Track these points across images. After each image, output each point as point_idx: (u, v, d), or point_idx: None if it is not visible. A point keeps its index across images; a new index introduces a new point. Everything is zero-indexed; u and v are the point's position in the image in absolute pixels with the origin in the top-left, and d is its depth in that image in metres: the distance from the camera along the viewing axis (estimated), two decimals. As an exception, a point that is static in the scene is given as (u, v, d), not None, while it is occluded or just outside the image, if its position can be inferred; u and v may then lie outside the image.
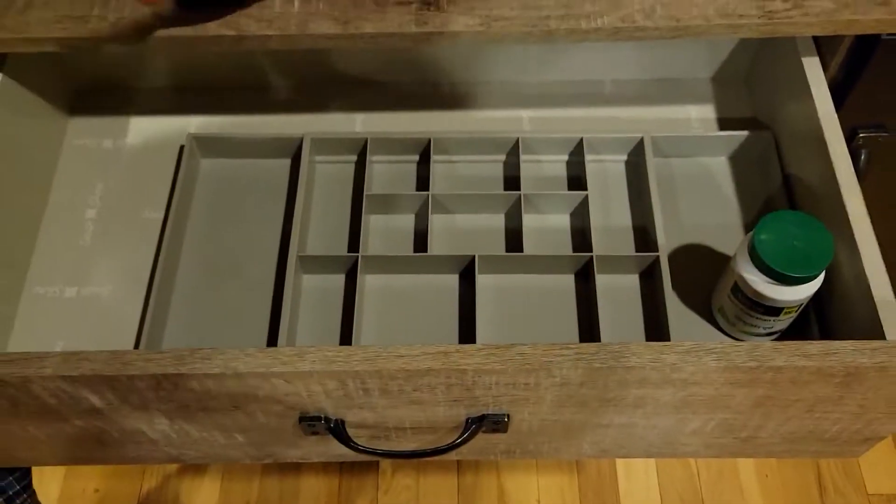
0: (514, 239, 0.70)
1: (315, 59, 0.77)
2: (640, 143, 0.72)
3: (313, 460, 0.65)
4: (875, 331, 0.55)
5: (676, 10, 0.60)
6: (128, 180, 0.75)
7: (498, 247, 0.70)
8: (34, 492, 0.82)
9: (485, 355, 0.51)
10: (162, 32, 0.60)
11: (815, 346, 0.50)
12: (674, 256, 0.68)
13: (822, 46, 0.67)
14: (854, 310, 0.58)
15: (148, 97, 0.79)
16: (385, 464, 1.15)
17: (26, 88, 0.70)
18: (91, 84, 0.79)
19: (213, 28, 0.60)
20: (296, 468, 1.15)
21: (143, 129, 0.78)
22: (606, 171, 0.74)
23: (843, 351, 0.50)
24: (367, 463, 1.14)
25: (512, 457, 0.64)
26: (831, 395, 0.53)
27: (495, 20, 0.60)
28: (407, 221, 0.71)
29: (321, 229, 0.71)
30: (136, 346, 0.65)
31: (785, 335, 0.63)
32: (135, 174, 0.75)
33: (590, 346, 0.51)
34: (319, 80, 0.79)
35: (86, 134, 0.77)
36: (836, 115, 0.63)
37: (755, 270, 0.58)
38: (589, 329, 0.65)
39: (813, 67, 0.66)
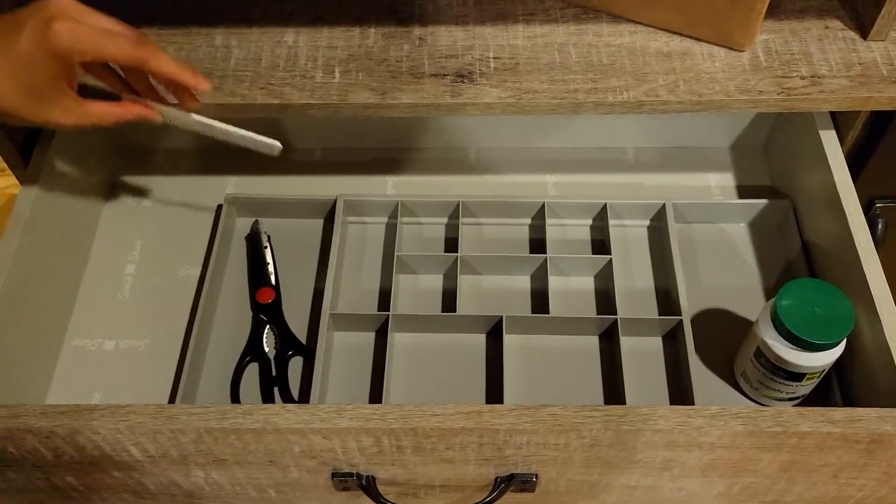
0: (539, 300, 0.72)
1: (349, 124, 0.81)
2: (662, 209, 0.74)
3: (341, 517, 0.66)
4: (897, 398, 0.56)
5: (698, 85, 0.63)
6: (166, 238, 0.77)
7: (524, 308, 0.72)
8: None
9: (517, 415, 0.52)
10: (210, 100, 0.63)
11: (839, 413, 0.52)
12: (696, 320, 0.70)
13: (839, 119, 0.70)
14: (876, 376, 0.59)
15: (187, 159, 0.83)
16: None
17: (75, 150, 0.74)
18: (135, 146, 0.83)
19: (259, 96, 0.63)
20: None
21: (182, 189, 0.81)
22: (629, 236, 0.76)
23: (868, 418, 0.51)
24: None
25: (538, 517, 0.65)
26: (856, 461, 0.54)
27: (525, 93, 0.63)
28: (436, 282, 0.73)
29: (352, 288, 0.73)
30: (171, 399, 0.67)
31: (807, 401, 0.64)
32: (173, 232, 0.78)
33: (618, 409, 0.52)
34: (353, 144, 0.83)
35: (127, 193, 0.80)
36: (853, 187, 0.66)
37: (777, 336, 0.60)
38: (613, 390, 0.67)
39: (830, 140, 0.69)
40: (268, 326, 0.71)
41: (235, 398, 0.67)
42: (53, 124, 0.52)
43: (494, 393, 0.67)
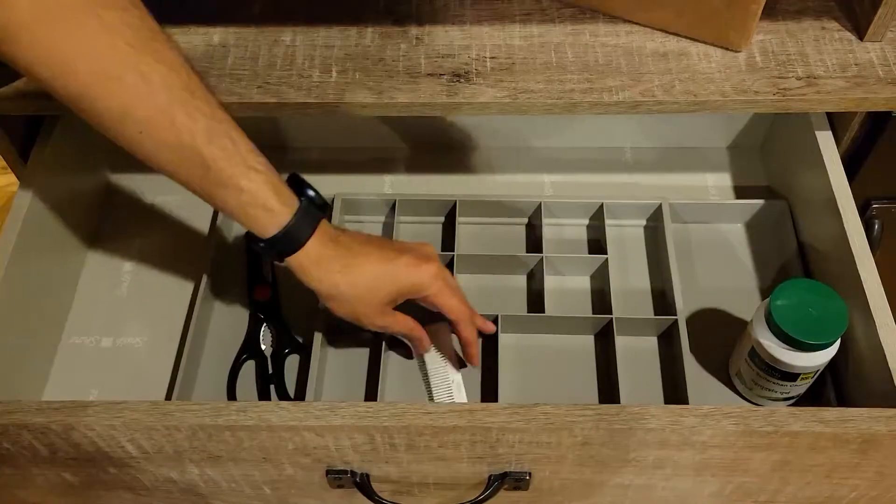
0: (535, 299, 0.72)
1: (346, 123, 0.81)
2: (659, 209, 0.74)
3: (336, 514, 0.66)
4: (891, 398, 0.56)
5: (694, 85, 0.63)
6: (164, 235, 0.78)
7: (520, 307, 0.72)
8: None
9: (509, 414, 0.52)
10: (206, 98, 0.63)
11: (831, 413, 0.52)
12: (691, 320, 0.70)
13: (835, 120, 0.70)
14: (870, 377, 0.59)
15: (186, 156, 0.83)
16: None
17: (75, 147, 0.74)
18: (133, 143, 0.83)
19: (256, 95, 0.63)
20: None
21: (181, 186, 0.81)
22: (625, 236, 0.76)
23: (860, 418, 0.51)
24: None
25: (532, 515, 0.65)
26: (848, 461, 0.54)
27: (522, 92, 0.63)
28: (432, 280, 0.74)
29: (349, 286, 0.73)
30: (168, 396, 0.67)
31: (802, 401, 0.64)
32: (172, 230, 0.78)
33: (611, 408, 0.52)
34: (350, 143, 0.83)
35: (127, 190, 0.81)
36: (849, 189, 0.66)
37: (772, 336, 0.60)
38: (608, 389, 0.67)
39: (826, 141, 0.69)
40: (265, 324, 0.71)
41: (232, 395, 0.68)
42: (367, 321, 0.60)
43: (490, 391, 0.67)
